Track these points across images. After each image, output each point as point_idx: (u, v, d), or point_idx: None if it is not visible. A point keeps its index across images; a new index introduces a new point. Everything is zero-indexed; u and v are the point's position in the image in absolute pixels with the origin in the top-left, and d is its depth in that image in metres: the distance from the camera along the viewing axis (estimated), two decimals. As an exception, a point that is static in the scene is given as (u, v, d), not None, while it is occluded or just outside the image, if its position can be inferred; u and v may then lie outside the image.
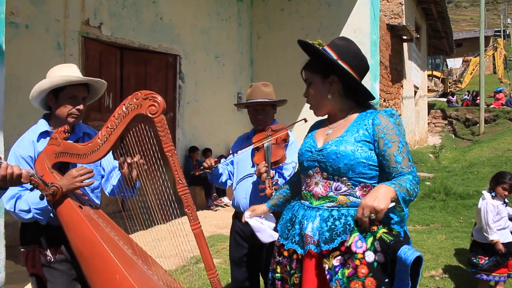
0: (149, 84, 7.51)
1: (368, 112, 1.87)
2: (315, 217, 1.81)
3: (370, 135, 1.79)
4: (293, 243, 1.86)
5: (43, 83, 2.22)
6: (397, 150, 1.75)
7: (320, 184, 1.85)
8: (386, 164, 1.77)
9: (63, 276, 2.16)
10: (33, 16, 5.43)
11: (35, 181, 1.90)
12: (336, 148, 1.79)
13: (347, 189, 1.80)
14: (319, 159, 1.84)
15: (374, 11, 8.68)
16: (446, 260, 4.79)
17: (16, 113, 4.89)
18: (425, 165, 11.09)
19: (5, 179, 1.74)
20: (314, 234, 1.78)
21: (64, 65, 2.37)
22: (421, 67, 16.53)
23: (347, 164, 1.77)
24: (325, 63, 1.88)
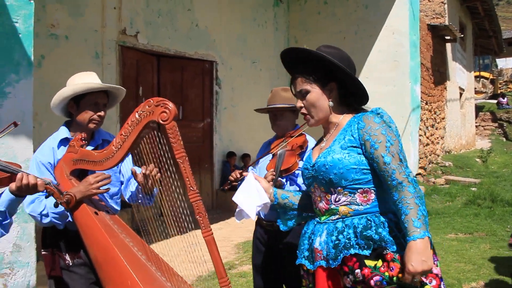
0: (185, 90, 7.63)
1: (355, 116, 1.83)
2: (322, 231, 1.81)
3: (356, 139, 1.75)
4: (303, 258, 1.88)
5: (65, 91, 2.29)
6: (384, 151, 1.68)
7: (322, 199, 1.83)
8: (376, 167, 1.71)
9: (82, 280, 2.20)
10: (72, 27, 5.64)
11: (50, 189, 1.95)
12: (324, 159, 1.77)
13: (346, 198, 1.76)
14: (314, 174, 1.83)
15: (413, 12, 8.45)
16: (489, 271, 4.54)
17: (57, 120, 5.06)
18: (471, 170, 10.63)
19: (21, 189, 1.79)
20: (322, 248, 1.77)
21: (84, 73, 2.42)
22: (466, 68, 15.92)
23: (337, 174, 1.73)
24: (320, 71, 1.83)
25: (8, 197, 1.81)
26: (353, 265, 1.69)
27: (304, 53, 1.86)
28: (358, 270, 1.67)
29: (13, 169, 1.83)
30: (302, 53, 1.87)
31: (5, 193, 1.82)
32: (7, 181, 1.81)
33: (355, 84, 1.84)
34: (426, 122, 10.15)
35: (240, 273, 4.68)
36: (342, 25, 8.90)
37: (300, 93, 1.87)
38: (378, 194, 1.76)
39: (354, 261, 1.69)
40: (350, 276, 1.70)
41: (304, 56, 1.86)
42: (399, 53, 8.39)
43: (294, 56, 1.91)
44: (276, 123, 2.82)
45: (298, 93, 1.89)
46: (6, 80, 2.96)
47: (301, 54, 1.87)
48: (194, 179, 1.95)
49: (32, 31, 3.07)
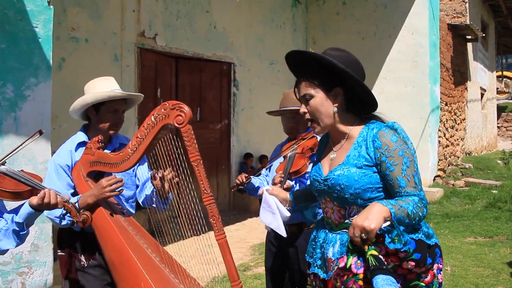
0: (204, 92, 7.67)
1: (369, 129, 1.76)
2: (336, 241, 1.78)
3: (372, 158, 1.70)
4: (315, 267, 1.85)
5: (87, 98, 2.33)
6: (400, 174, 1.65)
7: (335, 212, 1.81)
8: (390, 188, 1.69)
9: (96, 281, 2.24)
10: (92, 30, 5.73)
11: (68, 208, 1.97)
12: (340, 178, 1.72)
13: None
14: (326, 189, 1.79)
15: (433, 11, 8.35)
16: (509, 277, 4.44)
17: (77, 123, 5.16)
18: (492, 172, 10.42)
19: (42, 206, 1.84)
20: (336, 258, 1.74)
21: (103, 78, 2.46)
22: (488, 67, 15.63)
23: (353, 194, 1.70)
24: (326, 75, 1.77)
25: (27, 210, 1.85)
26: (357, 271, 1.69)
27: (309, 56, 1.80)
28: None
29: (34, 183, 1.87)
30: (307, 56, 1.81)
31: (25, 206, 1.87)
32: (28, 194, 1.85)
33: (362, 89, 1.76)
34: (446, 123, 10.00)
35: (255, 274, 4.69)
36: (361, 26, 8.85)
37: (304, 97, 1.81)
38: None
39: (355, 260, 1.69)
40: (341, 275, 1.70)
41: (309, 59, 1.80)
42: (418, 53, 8.30)
43: (299, 59, 1.85)
44: (288, 126, 2.83)
45: (302, 98, 1.83)
46: (25, 84, 3.03)
47: (306, 57, 1.81)
48: (208, 182, 1.96)
49: (51, 35, 3.14)
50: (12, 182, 1.84)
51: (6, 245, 1.86)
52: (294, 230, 2.73)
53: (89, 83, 2.40)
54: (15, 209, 1.89)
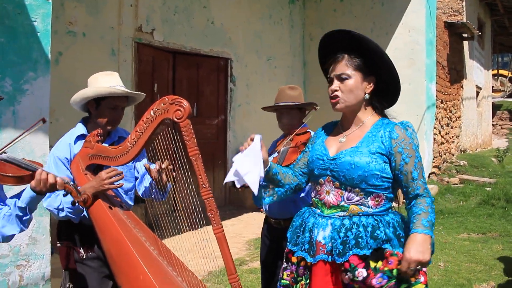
0: (201, 87, 7.68)
1: (384, 123, 1.83)
2: (326, 225, 1.80)
3: (386, 148, 1.77)
4: (303, 251, 1.85)
5: (88, 91, 2.34)
6: (413, 166, 1.75)
7: (332, 193, 1.82)
8: (402, 178, 1.76)
9: (95, 273, 2.27)
10: (90, 25, 5.72)
11: (68, 188, 2.01)
12: (351, 158, 1.76)
13: (359, 198, 1.78)
14: (332, 168, 1.81)
15: (430, 9, 8.37)
16: (501, 272, 4.50)
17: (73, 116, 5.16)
18: (487, 169, 10.49)
19: (39, 184, 1.86)
20: (326, 243, 1.77)
21: (107, 73, 2.47)
22: (484, 66, 15.69)
23: (360, 176, 1.74)
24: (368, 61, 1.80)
25: (29, 194, 1.87)
26: (357, 264, 1.71)
27: (359, 39, 1.80)
28: (362, 269, 1.70)
29: (34, 167, 1.89)
30: (357, 38, 1.81)
31: (27, 190, 1.89)
32: (29, 179, 1.87)
33: (395, 84, 1.84)
34: (442, 120, 10.05)
35: (250, 269, 4.73)
36: (358, 23, 8.85)
37: (339, 76, 1.81)
38: (388, 200, 1.81)
39: (358, 260, 1.71)
40: (349, 274, 1.72)
41: (354, 41, 1.81)
42: (415, 51, 8.33)
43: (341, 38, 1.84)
44: (282, 121, 2.87)
45: (337, 76, 1.82)
46: (24, 78, 3.04)
47: (353, 40, 1.81)
48: (207, 177, 1.99)
49: (50, 29, 3.15)
50: (13, 167, 1.87)
51: (10, 230, 1.88)
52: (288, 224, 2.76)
53: (92, 76, 2.41)
54: (17, 195, 1.91)
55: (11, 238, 1.95)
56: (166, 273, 2.03)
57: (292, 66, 9.31)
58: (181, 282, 2.04)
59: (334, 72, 1.83)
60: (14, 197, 1.93)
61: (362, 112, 1.87)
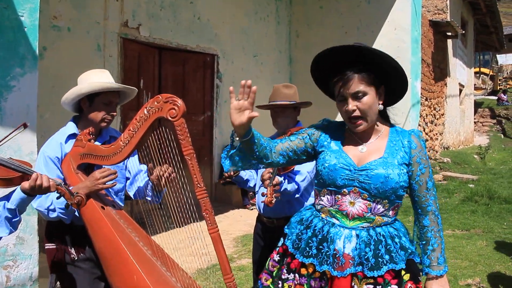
0: (187, 83, 7.62)
1: (398, 131, 1.84)
2: (351, 236, 1.74)
3: (408, 158, 1.78)
4: (328, 264, 1.74)
5: (83, 88, 2.30)
6: (428, 176, 1.80)
7: (357, 205, 1.75)
8: (417, 188, 1.80)
9: (86, 274, 2.23)
10: (75, 19, 5.62)
11: (62, 190, 1.98)
12: (385, 171, 1.72)
13: (384, 210, 1.77)
14: (362, 179, 1.73)
15: (415, 7, 8.44)
16: (485, 268, 4.59)
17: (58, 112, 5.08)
18: (469, 166, 10.67)
19: (34, 189, 1.82)
20: (354, 255, 1.71)
21: (98, 70, 2.44)
22: (467, 64, 15.93)
23: (393, 188, 1.73)
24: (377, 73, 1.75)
25: (20, 195, 1.83)
26: (390, 280, 1.69)
27: (370, 53, 1.73)
28: (395, 286, 1.69)
29: (25, 169, 1.85)
30: (368, 51, 1.73)
31: (17, 192, 1.84)
32: (19, 181, 1.83)
33: (403, 90, 1.83)
34: (426, 118, 10.17)
35: (239, 266, 4.72)
36: (344, 20, 8.89)
37: (356, 95, 1.73)
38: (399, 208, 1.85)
39: (391, 275, 1.70)
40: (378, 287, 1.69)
41: (363, 55, 1.74)
42: (400, 48, 8.39)
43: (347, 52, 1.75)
44: (277, 120, 2.84)
45: (352, 95, 1.74)
46: (11, 74, 2.97)
47: (361, 53, 1.74)
48: (201, 176, 1.97)
49: (37, 24, 3.08)
50: (2, 169, 1.83)
51: None
52: (282, 224, 2.76)
53: (83, 74, 2.37)
54: (6, 196, 1.87)
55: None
56: (160, 273, 2.01)
57: (278, 62, 9.30)
58: (175, 282, 2.02)
59: (348, 90, 1.74)
60: (3, 199, 1.88)
61: (379, 122, 1.85)
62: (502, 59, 32.07)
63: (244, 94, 1.76)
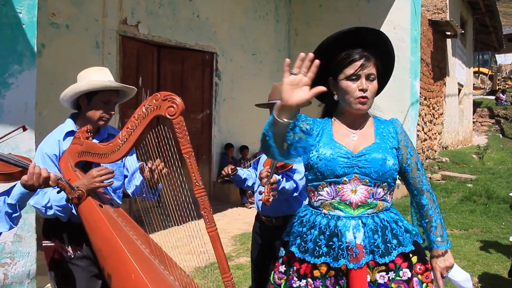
0: (185, 81, 7.61)
1: (380, 120, 1.92)
2: (359, 225, 1.74)
3: (396, 142, 1.85)
4: (343, 258, 1.70)
5: (81, 85, 2.28)
6: (416, 157, 1.87)
7: (359, 192, 1.75)
8: (410, 170, 1.85)
9: (83, 272, 2.22)
10: (73, 16, 5.61)
11: (62, 185, 1.96)
12: (381, 154, 1.77)
13: (384, 193, 1.80)
14: (361, 165, 1.75)
15: (415, 7, 8.43)
16: (483, 268, 4.59)
17: (56, 110, 5.07)
18: (468, 166, 10.68)
19: (32, 178, 1.80)
20: (366, 244, 1.71)
21: (98, 68, 2.42)
22: (466, 64, 15.93)
23: (390, 170, 1.77)
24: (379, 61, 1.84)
25: (19, 190, 1.82)
26: (401, 263, 1.72)
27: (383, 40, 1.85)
28: (406, 269, 1.71)
29: (24, 164, 1.84)
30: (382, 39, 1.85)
31: (17, 187, 1.83)
32: (19, 175, 1.82)
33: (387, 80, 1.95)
34: (425, 117, 10.17)
35: (237, 265, 4.71)
36: (343, 19, 8.86)
37: (369, 76, 1.78)
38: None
39: (401, 259, 1.72)
40: (390, 274, 1.70)
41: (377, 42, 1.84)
42: (399, 48, 8.36)
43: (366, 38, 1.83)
44: None
45: (367, 75, 1.78)
46: (9, 71, 2.96)
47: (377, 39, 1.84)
48: (200, 175, 1.96)
49: (35, 21, 3.06)
50: (1, 164, 1.82)
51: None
52: (280, 223, 2.75)
53: (83, 71, 2.35)
54: (7, 191, 1.86)
55: None
56: (158, 272, 2.00)
57: (277, 61, 9.28)
58: (173, 281, 2.01)
59: (364, 71, 1.77)
60: (3, 194, 1.87)
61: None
62: (501, 59, 32.11)
63: (303, 67, 1.55)
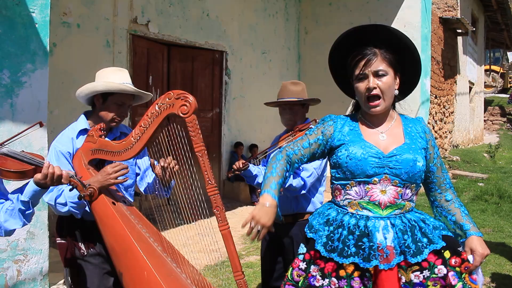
0: (195, 80, 7.63)
1: (408, 118, 1.90)
2: (387, 226, 1.73)
3: (425, 142, 1.84)
4: (375, 259, 1.69)
5: (98, 85, 2.30)
6: (441, 157, 1.89)
7: (389, 192, 1.75)
8: (435, 170, 1.87)
9: (96, 269, 2.24)
10: (84, 15, 5.64)
11: (74, 182, 1.98)
12: (411, 155, 1.76)
13: (411, 194, 1.80)
14: (392, 165, 1.74)
15: (425, 4, 8.37)
16: (495, 267, 4.55)
17: (68, 108, 5.12)
18: (479, 165, 10.59)
19: (46, 178, 1.82)
20: (395, 245, 1.70)
21: (118, 69, 2.43)
22: (477, 61, 15.79)
23: (419, 171, 1.78)
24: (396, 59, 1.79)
25: (32, 188, 1.84)
26: (435, 261, 1.71)
27: (397, 37, 1.79)
28: (441, 266, 1.71)
29: (37, 161, 1.86)
30: (395, 35, 1.79)
31: (30, 184, 1.85)
32: (32, 173, 1.84)
33: (415, 82, 1.89)
34: (435, 116, 10.10)
35: (246, 263, 4.72)
36: (353, 17, 8.82)
37: (377, 72, 1.74)
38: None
39: (434, 257, 1.71)
40: (425, 272, 1.69)
41: (389, 39, 1.78)
42: (410, 46, 8.33)
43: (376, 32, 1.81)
44: (285, 117, 2.84)
45: (374, 72, 1.74)
46: (22, 70, 2.98)
47: (389, 36, 1.79)
48: (212, 173, 1.96)
49: (48, 21, 3.09)
50: (15, 162, 1.84)
51: (12, 225, 1.85)
52: (289, 221, 2.76)
53: (102, 70, 2.37)
54: (20, 189, 1.88)
55: (12, 232, 1.92)
56: (170, 269, 2.01)
57: (287, 59, 9.28)
58: (185, 278, 2.02)
59: (371, 68, 1.74)
60: (17, 192, 1.89)
61: (392, 108, 1.89)
62: (513, 57, 31.69)
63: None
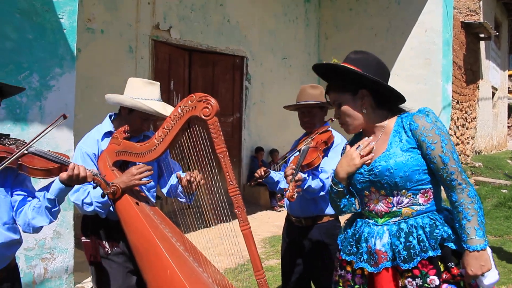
0: (216, 85, 7.71)
1: (403, 117, 1.83)
2: (383, 232, 1.79)
3: (413, 140, 1.76)
4: (362, 261, 1.83)
5: (126, 100, 2.36)
6: (441, 151, 1.70)
7: (381, 202, 1.81)
8: (434, 167, 1.73)
9: (120, 268, 2.29)
10: (108, 22, 5.78)
11: (97, 180, 2.04)
12: (386, 164, 1.75)
13: (408, 200, 1.77)
14: (372, 179, 1.80)
15: (447, 9, 8.30)
16: (519, 274, 4.47)
17: (91, 112, 5.23)
18: (502, 171, 10.41)
19: (71, 179, 1.89)
20: (387, 250, 1.75)
21: (149, 82, 2.46)
22: (501, 66, 15.55)
23: (402, 177, 1.73)
24: (350, 80, 1.84)
25: (58, 186, 1.90)
26: (428, 271, 1.70)
27: (328, 66, 1.90)
28: (434, 277, 1.68)
29: (63, 160, 1.92)
30: (326, 66, 1.91)
31: (55, 182, 1.92)
32: (57, 171, 1.90)
33: (383, 88, 1.83)
34: (457, 121, 9.98)
35: (266, 267, 4.74)
36: (373, 22, 8.81)
37: (335, 104, 1.91)
38: (434, 193, 1.80)
39: (428, 266, 1.70)
40: (417, 280, 1.70)
41: (333, 67, 1.88)
42: (431, 51, 8.26)
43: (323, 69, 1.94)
44: (304, 120, 2.87)
45: (334, 104, 1.92)
46: (51, 74, 3.09)
47: (330, 67, 1.90)
48: (234, 174, 2.00)
49: (75, 26, 3.19)
50: (41, 160, 1.90)
51: (40, 222, 1.91)
52: (309, 224, 2.78)
53: (134, 79, 2.43)
54: (46, 187, 1.94)
55: (40, 229, 1.98)
56: (193, 269, 2.05)
57: (307, 65, 9.29)
58: (207, 278, 2.06)
59: (331, 101, 1.93)
60: (43, 190, 1.96)
61: (377, 120, 1.88)
62: (538, 62, 31.03)
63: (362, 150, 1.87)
